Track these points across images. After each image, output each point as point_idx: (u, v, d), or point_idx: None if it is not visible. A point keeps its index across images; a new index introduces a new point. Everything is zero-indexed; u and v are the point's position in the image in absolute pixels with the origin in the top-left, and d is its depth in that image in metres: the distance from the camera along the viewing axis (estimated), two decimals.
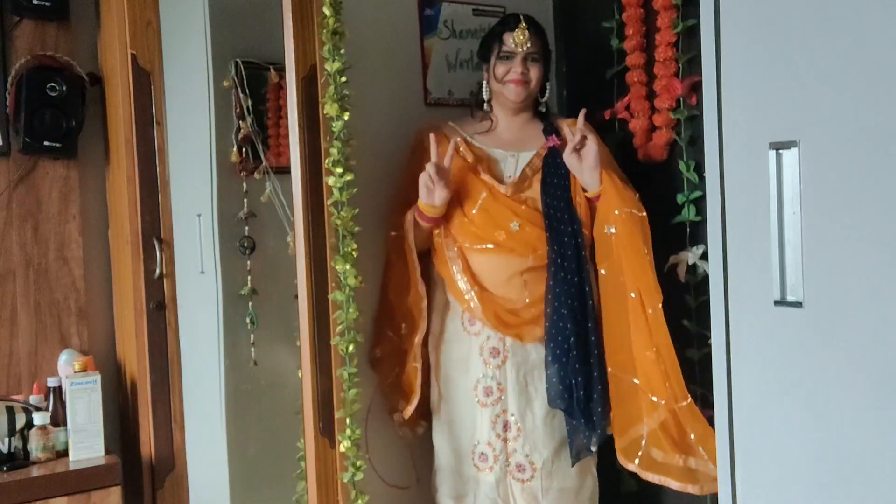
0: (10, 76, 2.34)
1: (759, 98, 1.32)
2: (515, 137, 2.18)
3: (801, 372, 1.28)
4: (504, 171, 2.15)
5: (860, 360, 1.19)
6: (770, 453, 1.34)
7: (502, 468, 2.09)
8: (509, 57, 2.11)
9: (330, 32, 1.95)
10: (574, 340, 2.00)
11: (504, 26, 2.14)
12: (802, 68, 1.25)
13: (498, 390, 2.08)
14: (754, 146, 1.32)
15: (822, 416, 1.25)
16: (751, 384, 1.37)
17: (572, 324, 2.00)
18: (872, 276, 1.17)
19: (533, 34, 2.11)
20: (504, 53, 2.12)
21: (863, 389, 1.19)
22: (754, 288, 1.34)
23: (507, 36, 2.12)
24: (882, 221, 1.16)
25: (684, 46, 2.14)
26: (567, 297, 2.01)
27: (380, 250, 2.24)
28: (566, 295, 2.01)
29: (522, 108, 2.18)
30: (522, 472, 2.08)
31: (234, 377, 2.49)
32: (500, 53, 2.12)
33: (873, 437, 1.18)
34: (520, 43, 2.09)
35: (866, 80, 1.17)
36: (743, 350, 1.38)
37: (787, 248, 1.28)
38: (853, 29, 1.18)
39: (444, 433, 2.18)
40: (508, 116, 2.19)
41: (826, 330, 1.24)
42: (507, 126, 2.19)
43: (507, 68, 2.11)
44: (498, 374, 2.08)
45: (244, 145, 2.45)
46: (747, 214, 1.35)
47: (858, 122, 1.18)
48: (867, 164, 1.17)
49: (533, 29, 2.12)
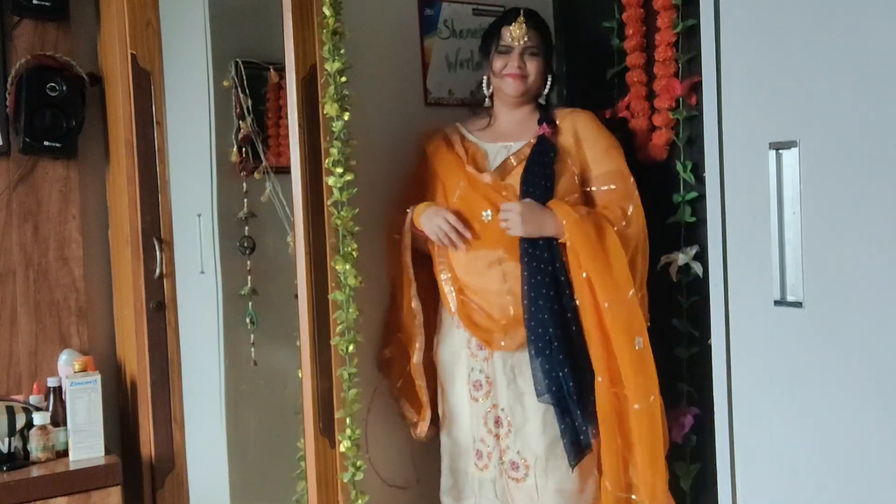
0: (10, 76, 2.34)
1: (759, 98, 1.32)
2: (513, 130, 2.17)
3: (801, 372, 1.28)
4: (493, 164, 2.13)
5: (860, 360, 1.19)
6: (770, 453, 1.34)
7: (496, 466, 2.06)
8: (507, 51, 2.12)
9: (330, 32, 1.95)
10: (554, 331, 1.95)
11: (503, 20, 2.15)
12: (802, 68, 1.25)
13: (487, 384, 2.06)
14: (754, 146, 1.32)
15: (822, 415, 1.25)
16: (751, 384, 1.37)
17: (550, 315, 1.96)
18: (872, 276, 1.17)
19: (531, 28, 2.11)
20: (502, 48, 2.12)
21: (862, 389, 1.19)
22: (754, 288, 1.34)
23: (504, 30, 2.12)
24: (882, 221, 1.16)
25: (684, 46, 2.14)
26: (542, 287, 1.97)
27: (379, 250, 2.24)
28: (541, 286, 1.97)
29: (522, 101, 2.17)
30: (516, 471, 2.04)
31: (234, 377, 2.49)
32: (499, 47, 2.12)
33: (873, 436, 1.18)
34: (517, 37, 2.10)
35: (866, 80, 1.17)
36: (743, 350, 1.38)
37: (787, 248, 1.28)
38: (853, 29, 1.18)
39: (447, 432, 2.17)
40: (509, 110, 2.19)
41: (826, 330, 1.24)
42: (506, 120, 2.19)
43: (504, 62, 2.12)
44: (486, 367, 2.06)
45: (244, 145, 2.45)
46: (747, 214, 1.35)
47: (858, 122, 1.18)
48: (867, 164, 1.17)
49: (532, 23, 2.12)
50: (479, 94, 2.24)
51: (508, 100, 2.16)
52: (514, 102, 2.16)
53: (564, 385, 1.95)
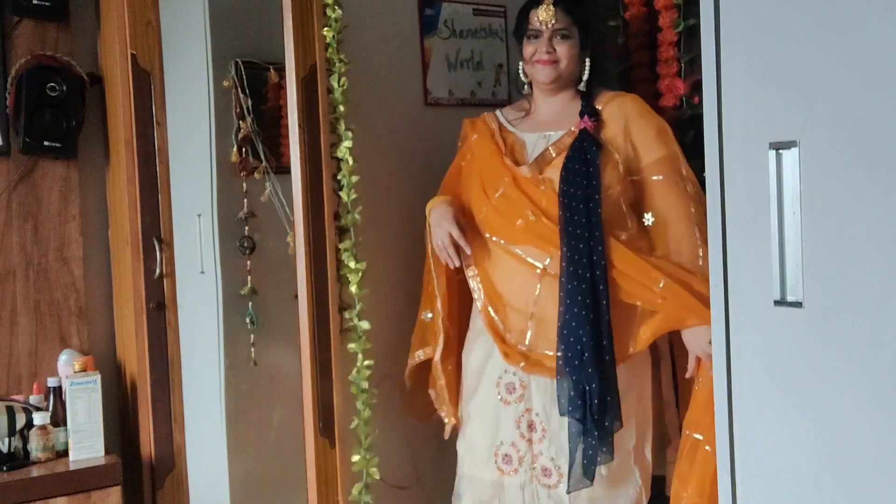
0: (10, 76, 2.34)
1: (759, 98, 1.32)
2: (552, 119, 2.07)
3: (801, 372, 1.28)
4: (532, 154, 2.03)
5: (860, 360, 1.19)
6: (770, 453, 1.34)
7: (528, 471, 1.99)
8: (537, 36, 2.01)
9: (330, 32, 1.95)
10: (587, 341, 1.86)
11: (531, 4, 2.04)
12: (802, 68, 1.25)
13: (521, 387, 1.99)
14: (754, 146, 1.32)
15: (822, 415, 1.25)
16: (751, 384, 1.37)
17: (584, 325, 1.87)
18: (872, 277, 1.17)
19: (561, 10, 1.99)
20: (531, 32, 2.02)
21: (863, 389, 1.19)
22: (754, 288, 1.34)
23: (532, 14, 2.02)
24: (882, 221, 1.15)
25: (686, 46, 2.13)
26: (579, 294, 1.87)
27: (381, 250, 2.23)
28: (578, 292, 1.87)
29: (559, 87, 2.05)
30: (549, 477, 1.97)
31: (234, 377, 2.49)
32: (528, 33, 2.02)
33: (873, 437, 1.18)
34: (544, 20, 1.98)
35: (866, 80, 1.17)
36: (743, 350, 1.38)
37: (787, 248, 1.27)
38: (853, 29, 1.18)
39: (464, 437, 2.11)
40: (546, 97, 2.08)
41: (826, 330, 1.24)
42: (545, 108, 2.09)
43: (534, 48, 2.01)
44: (520, 370, 1.98)
45: (244, 145, 2.45)
46: (747, 214, 1.35)
47: (858, 122, 1.18)
48: (867, 164, 1.17)
49: (562, 5, 2.00)
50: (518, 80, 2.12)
51: (542, 87, 2.05)
52: (550, 89, 2.05)
53: (589, 401, 1.86)
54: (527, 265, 1.97)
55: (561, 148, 1.99)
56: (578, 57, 2.03)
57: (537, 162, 2.00)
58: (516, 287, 1.99)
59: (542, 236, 1.95)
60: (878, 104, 1.15)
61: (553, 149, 2.00)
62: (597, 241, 1.90)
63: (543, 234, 1.95)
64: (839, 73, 1.20)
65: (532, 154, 2.03)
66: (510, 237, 1.99)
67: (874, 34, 1.16)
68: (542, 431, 1.98)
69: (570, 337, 1.88)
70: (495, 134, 2.09)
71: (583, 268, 1.88)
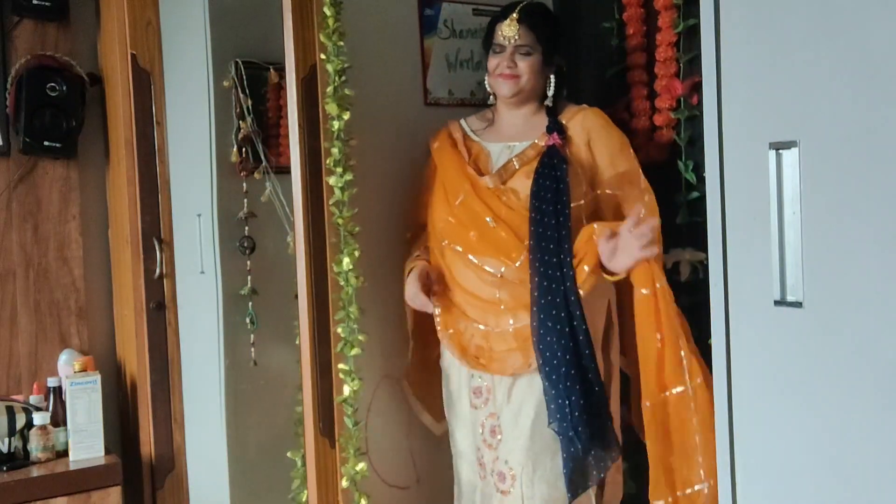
0: (10, 76, 2.34)
1: (759, 98, 1.32)
2: (515, 130, 2.08)
3: (800, 372, 1.28)
4: (495, 164, 2.05)
5: (860, 360, 1.19)
6: (770, 453, 1.34)
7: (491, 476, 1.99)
8: (499, 51, 2.02)
9: (330, 32, 1.95)
10: (562, 355, 1.83)
11: (498, 17, 2.05)
12: (802, 68, 1.25)
13: (486, 391, 2.00)
14: (754, 146, 1.32)
15: (822, 415, 1.25)
16: (751, 384, 1.37)
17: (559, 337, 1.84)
18: (872, 276, 1.17)
19: (525, 26, 1.99)
20: (496, 46, 2.03)
21: (863, 389, 1.19)
22: (754, 288, 1.34)
23: (497, 27, 2.03)
24: (882, 221, 1.15)
25: (685, 46, 2.13)
26: (552, 308, 1.85)
27: (380, 250, 2.23)
28: (552, 307, 1.85)
29: (521, 101, 2.06)
30: (503, 482, 1.95)
31: (234, 377, 2.49)
32: (493, 46, 2.04)
33: (873, 437, 1.18)
34: (507, 36, 1.99)
35: (866, 80, 1.17)
36: (743, 350, 1.38)
37: (787, 248, 1.27)
38: (853, 29, 1.18)
39: (452, 439, 2.12)
40: (509, 110, 2.10)
41: (826, 330, 1.24)
42: (508, 119, 2.10)
43: (497, 62, 2.03)
44: (485, 375, 1.99)
45: (244, 145, 2.45)
46: (747, 214, 1.35)
47: (858, 122, 1.18)
48: (867, 164, 1.17)
49: (528, 21, 2.00)
50: (479, 93, 2.19)
51: (504, 100, 2.08)
52: (512, 103, 2.07)
53: (570, 415, 1.81)
54: (485, 273, 1.99)
55: (524, 160, 2.01)
56: (542, 73, 2.04)
57: (499, 173, 2.02)
58: (477, 292, 2.01)
59: (499, 247, 1.96)
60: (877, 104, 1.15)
61: (517, 160, 2.02)
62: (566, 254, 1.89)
63: (499, 245, 1.96)
64: (839, 73, 1.20)
65: (496, 164, 2.05)
66: (468, 246, 2.01)
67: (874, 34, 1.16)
68: (501, 435, 1.97)
69: (546, 351, 1.85)
70: (459, 143, 2.11)
71: (556, 282, 1.87)
